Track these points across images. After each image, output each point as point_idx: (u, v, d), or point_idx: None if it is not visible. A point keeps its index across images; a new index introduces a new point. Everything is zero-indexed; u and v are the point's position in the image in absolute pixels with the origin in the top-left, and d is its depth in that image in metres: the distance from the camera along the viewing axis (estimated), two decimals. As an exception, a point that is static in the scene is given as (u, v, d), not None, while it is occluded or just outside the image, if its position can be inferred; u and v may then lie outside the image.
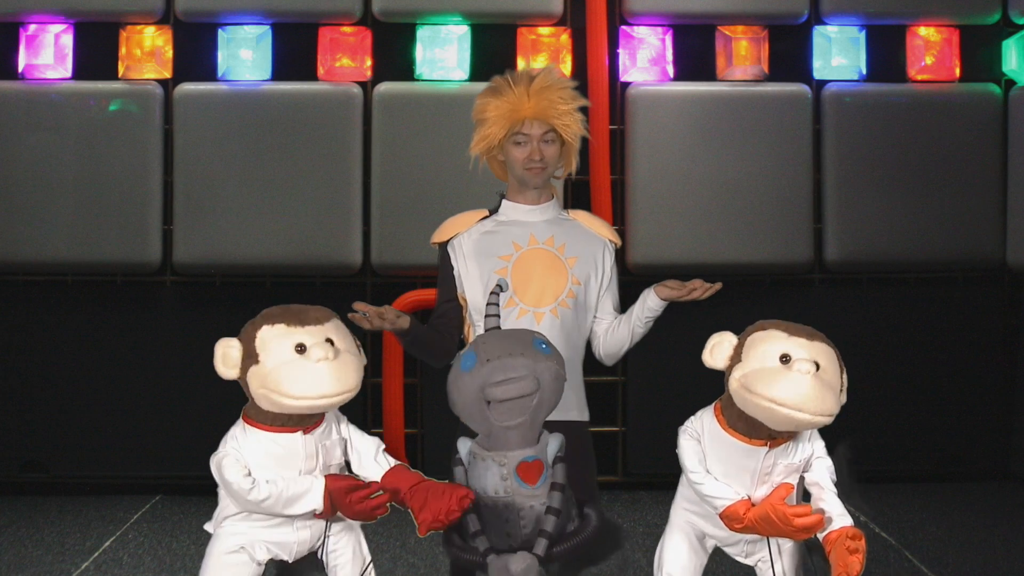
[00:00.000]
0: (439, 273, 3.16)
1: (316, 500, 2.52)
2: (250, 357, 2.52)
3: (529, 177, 3.06)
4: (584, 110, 3.14)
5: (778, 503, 2.51)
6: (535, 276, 3.02)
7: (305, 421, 2.58)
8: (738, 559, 2.80)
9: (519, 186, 3.12)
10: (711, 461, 2.63)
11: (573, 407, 3.02)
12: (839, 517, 2.56)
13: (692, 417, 2.71)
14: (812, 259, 5.39)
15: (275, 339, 2.52)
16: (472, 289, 3.07)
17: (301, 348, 2.51)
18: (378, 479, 2.61)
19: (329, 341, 2.54)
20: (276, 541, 2.60)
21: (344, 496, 2.52)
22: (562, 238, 3.09)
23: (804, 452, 2.63)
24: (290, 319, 2.55)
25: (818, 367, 2.49)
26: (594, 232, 3.16)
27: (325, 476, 2.55)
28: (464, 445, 2.62)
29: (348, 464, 2.69)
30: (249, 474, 2.52)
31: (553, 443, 2.59)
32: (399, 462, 2.66)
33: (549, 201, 3.14)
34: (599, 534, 2.59)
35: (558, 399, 2.58)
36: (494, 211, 3.17)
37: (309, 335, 2.53)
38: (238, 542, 2.58)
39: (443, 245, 3.15)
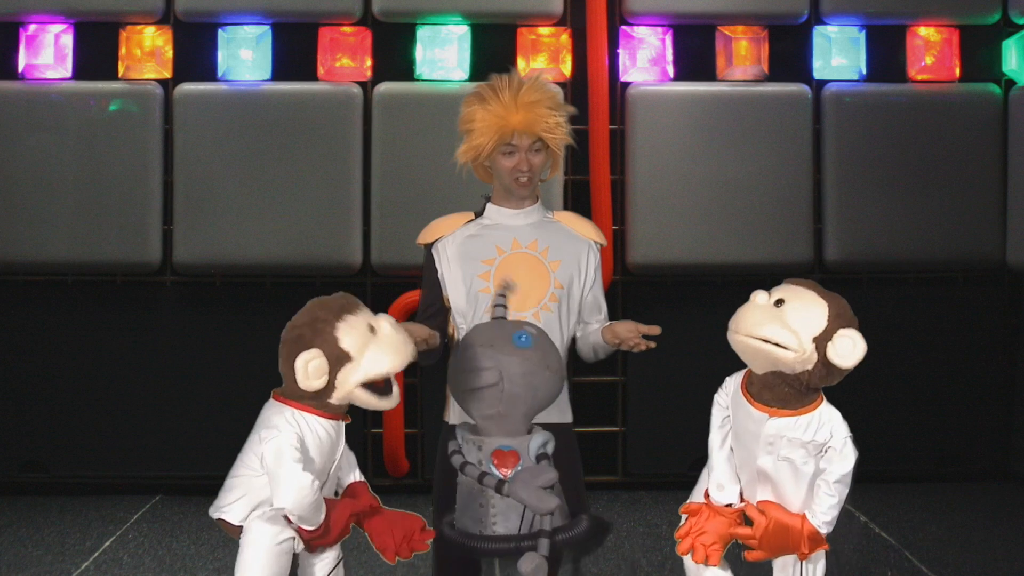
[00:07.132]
0: (424, 274, 3.17)
1: (319, 520, 2.52)
2: (340, 360, 2.50)
3: (516, 188, 3.06)
4: (572, 116, 3.11)
5: (722, 528, 2.57)
6: (517, 280, 3.01)
7: (344, 408, 2.58)
8: None
9: (505, 193, 3.12)
10: (733, 420, 2.65)
11: (553, 408, 3.00)
12: (817, 515, 2.54)
13: (729, 376, 2.70)
14: (812, 259, 5.38)
15: (354, 331, 2.52)
16: (455, 293, 3.07)
17: (372, 328, 2.54)
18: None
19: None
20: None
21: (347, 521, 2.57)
22: (546, 241, 3.09)
23: (820, 435, 2.56)
24: (348, 307, 2.56)
25: (780, 303, 2.58)
26: (578, 234, 3.15)
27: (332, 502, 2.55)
28: (461, 431, 2.69)
29: None
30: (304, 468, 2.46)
31: (537, 438, 2.61)
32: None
33: (533, 204, 3.14)
34: (591, 528, 2.62)
35: (536, 393, 2.61)
36: (479, 214, 3.16)
37: (366, 313, 2.56)
38: (286, 532, 2.48)
39: (428, 247, 3.15)
